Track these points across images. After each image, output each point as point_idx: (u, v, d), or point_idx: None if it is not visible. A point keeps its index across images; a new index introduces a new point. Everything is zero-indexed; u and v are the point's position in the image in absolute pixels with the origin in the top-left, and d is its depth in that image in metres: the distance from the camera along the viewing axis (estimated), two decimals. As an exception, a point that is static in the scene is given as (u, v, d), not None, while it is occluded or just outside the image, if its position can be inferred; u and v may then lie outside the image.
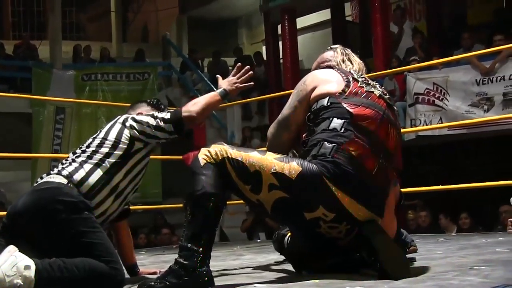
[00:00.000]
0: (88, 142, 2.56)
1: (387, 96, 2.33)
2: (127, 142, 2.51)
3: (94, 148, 2.50)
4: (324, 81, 2.30)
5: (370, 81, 2.35)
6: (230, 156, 2.12)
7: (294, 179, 2.08)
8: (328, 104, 2.22)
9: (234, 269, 2.84)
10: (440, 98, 7.10)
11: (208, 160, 2.11)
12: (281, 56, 10.11)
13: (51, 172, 2.47)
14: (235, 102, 8.95)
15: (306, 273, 2.30)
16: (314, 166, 2.10)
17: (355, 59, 2.53)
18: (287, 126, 2.39)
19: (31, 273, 2.10)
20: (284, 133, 2.40)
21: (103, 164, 2.46)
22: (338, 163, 2.10)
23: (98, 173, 2.44)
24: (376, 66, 7.82)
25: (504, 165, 7.33)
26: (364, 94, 2.25)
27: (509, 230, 4.48)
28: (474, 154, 8.73)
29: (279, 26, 9.88)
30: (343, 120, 2.17)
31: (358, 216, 2.12)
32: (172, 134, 2.52)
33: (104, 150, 2.49)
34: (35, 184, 2.45)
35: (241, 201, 2.28)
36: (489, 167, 8.16)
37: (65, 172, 2.42)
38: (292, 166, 2.11)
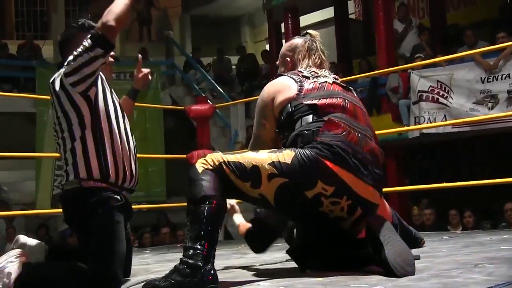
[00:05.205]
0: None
1: (339, 80, 2.48)
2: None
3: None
4: (279, 91, 2.41)
5: (318, 72, 2.47)
6: (226, 160, 2.18)
7: (290, 162, 2.17)
8: (293, 109, 2.33)
9: (238, 268, 2.84)
10: (444, 96, 7.09)
11: (206, 167, 2.16)
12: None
13: None
14: (238, 101, 8.95)
15: (310, 271, 2.30)
16: (306, 150, 2.20)
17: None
18: (262, 143, 2.45)
19: None
20: (261, 149, 2.42)
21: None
22: (325, 142, 2.19)
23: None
24: (379, 64, 7.81)
25: (508, 163, 7.32)
26: (319, 87, 2.37)
27: (514, 228, 4.47)
28: (478, 152, 8.72)
29: (283, 25, 9.88)
30: (311, 115, 2.28)
31: (358, 190, 2.20)
32: (101, 55, 2.43)
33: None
34: None
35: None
36: (493, 164, 8.15)
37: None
38: (285, 152, 2.21)
